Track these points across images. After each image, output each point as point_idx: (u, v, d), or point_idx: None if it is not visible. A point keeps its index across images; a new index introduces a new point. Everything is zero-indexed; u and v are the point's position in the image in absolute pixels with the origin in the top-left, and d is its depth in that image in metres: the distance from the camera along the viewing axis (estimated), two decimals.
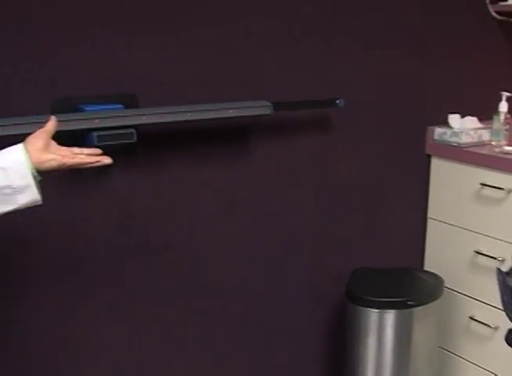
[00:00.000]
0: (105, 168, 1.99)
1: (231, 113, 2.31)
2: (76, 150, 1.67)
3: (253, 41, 2.46)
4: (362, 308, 2.69)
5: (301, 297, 2.82)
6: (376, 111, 2.83)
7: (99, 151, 1.71)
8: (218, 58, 2.40)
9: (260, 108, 2.37)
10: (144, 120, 2.16)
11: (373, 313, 2.68)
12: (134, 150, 2.29)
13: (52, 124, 1.65)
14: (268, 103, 2.38)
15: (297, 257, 2.77)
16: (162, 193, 2.40)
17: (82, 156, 1.66)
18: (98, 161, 1.68)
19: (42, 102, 2.09)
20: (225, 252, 2.58)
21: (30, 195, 1.56)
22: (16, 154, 1.55)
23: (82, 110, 2.12)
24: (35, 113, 2.02)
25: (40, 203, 1.60)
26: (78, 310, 2.33)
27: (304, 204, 2.73)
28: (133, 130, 2.13)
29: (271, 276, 2.72)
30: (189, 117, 2.23)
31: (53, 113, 2.01)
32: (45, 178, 1.63)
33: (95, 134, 2.07)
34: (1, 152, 1.56)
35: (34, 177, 1.57)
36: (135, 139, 2.13)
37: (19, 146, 1.57)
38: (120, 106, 2.17)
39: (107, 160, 1.69)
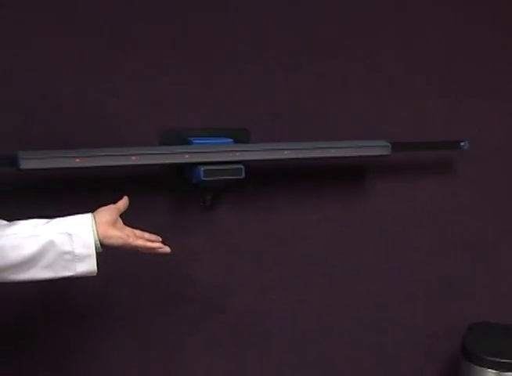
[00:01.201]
0: (213, 204, 2.11)
1: (347, 153, 2.21)
2: (138, 232, 1.65)
3: (372, 77, 2.37)
4: (478, 367, 2.48)
5: (411, 349, 2.67)
6: (504, 156, 2.65)
7: (159, 238, 1.69)
8: (335, 93, 2.32)
9: (378, 148, 2.26)
10: (254, 156, 2.10)
11: (491, 374, 2.47)
12: (242, 187, 2.24)
13: (123, 204, 1.67)
14: (387, 143, 2.27)
15: (410, 306, 2.62)
16: (270, 232, 2.33)
17: (143, 240, 1.64)
18: (160, 248, 1.66)
19: (151, 133, 2.09)
20: (333, 297, 2.48)
21: (89, 265, 1.56)
22: (84, 223, 1.55)
23: (190, 143, 2.09)
24: (143, 144, 2.03)
25: (94, 274, 1.58)
26: (176, 349, 2.28)
27: (419, 251, 2.59)
28: (241, 166, 2.07)
29: (380, 326, 2.59)
30: (301, 154, 2.16)
31: (162, 144, 2.08)
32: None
33: (201, 168, 2.03)
34: (70, 217, 1.57)
35: (96, 248, 1.56)
36: (243, 175, 2.08)
37: (89, 216, 1.57)
38: (230, 140, 2.13)
39: (166, 249, 1.66)
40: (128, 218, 1.66)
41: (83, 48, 1.97)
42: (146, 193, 2.11)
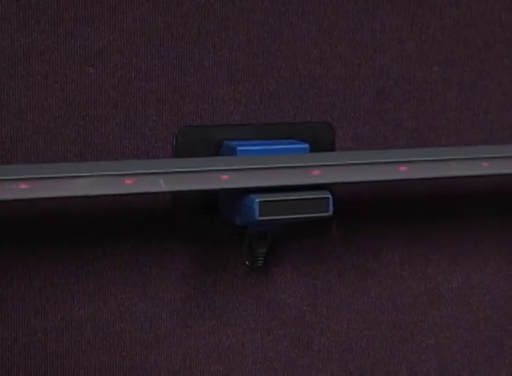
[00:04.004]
0: (268, 263, 1.43)
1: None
2: None
3: None
4: None
5: None
6: None
7: None
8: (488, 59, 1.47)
9: None
10: (350, 175, 1.31)
11: None
12: (322, 231, 1.44)
13: None
14: None
15: None
16: (373, 312, 1.50)
17: None
18: None
19: (163, 132, 1.36)
20: None
21: None
22: None
23: (232, 152, 1.36)
24: (151, 154, 1.33)
25: None
26: None
27: None
28: (328, 194, 1.29)
29: None
30: (435, 172, 1.39)
31: (179, 154, 1.34)
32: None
33: (256, 199, 1.27)
34: None
35: None
36: (330, 210, 1.30)
37: None
38: (305, 146, 1.37)
39: None
40: (120, 293, 1.22)
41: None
42: (149, 247, 1.36)
